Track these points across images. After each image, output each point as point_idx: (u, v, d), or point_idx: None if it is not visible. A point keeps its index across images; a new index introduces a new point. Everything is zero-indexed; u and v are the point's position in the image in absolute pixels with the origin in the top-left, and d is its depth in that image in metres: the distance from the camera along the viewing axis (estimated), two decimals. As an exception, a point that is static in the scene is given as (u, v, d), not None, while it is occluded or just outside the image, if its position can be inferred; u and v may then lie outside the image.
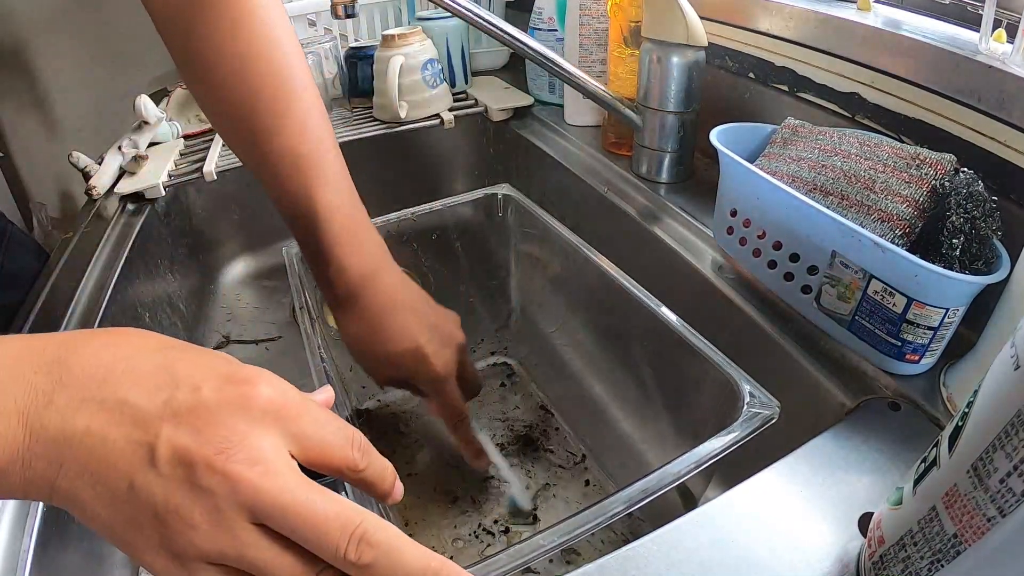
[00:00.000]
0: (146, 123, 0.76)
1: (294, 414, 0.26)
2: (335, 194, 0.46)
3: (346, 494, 0.26)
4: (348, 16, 0.74)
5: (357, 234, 0.47)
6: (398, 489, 0.30)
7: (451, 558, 0.28)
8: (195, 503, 0.23)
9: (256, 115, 0.44)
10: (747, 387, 0.39)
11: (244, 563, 0.23)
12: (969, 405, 0.25)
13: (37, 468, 0.23)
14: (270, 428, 0.25)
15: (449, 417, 0.51)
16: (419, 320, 0.48)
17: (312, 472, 0.26)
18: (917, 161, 0.44)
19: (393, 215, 0.63)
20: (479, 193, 0.66)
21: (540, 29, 0.83)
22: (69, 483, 0.23)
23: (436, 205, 0.65)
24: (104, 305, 0.55)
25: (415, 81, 0.82)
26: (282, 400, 0.26)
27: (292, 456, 0.25)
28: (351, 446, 0.27)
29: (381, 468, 0.29)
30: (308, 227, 0.45)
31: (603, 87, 0.66)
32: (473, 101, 0.90)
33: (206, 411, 0.24)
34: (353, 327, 0.48)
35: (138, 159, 0.73)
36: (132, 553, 0.24)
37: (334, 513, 0.24)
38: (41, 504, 0.38)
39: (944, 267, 0.38)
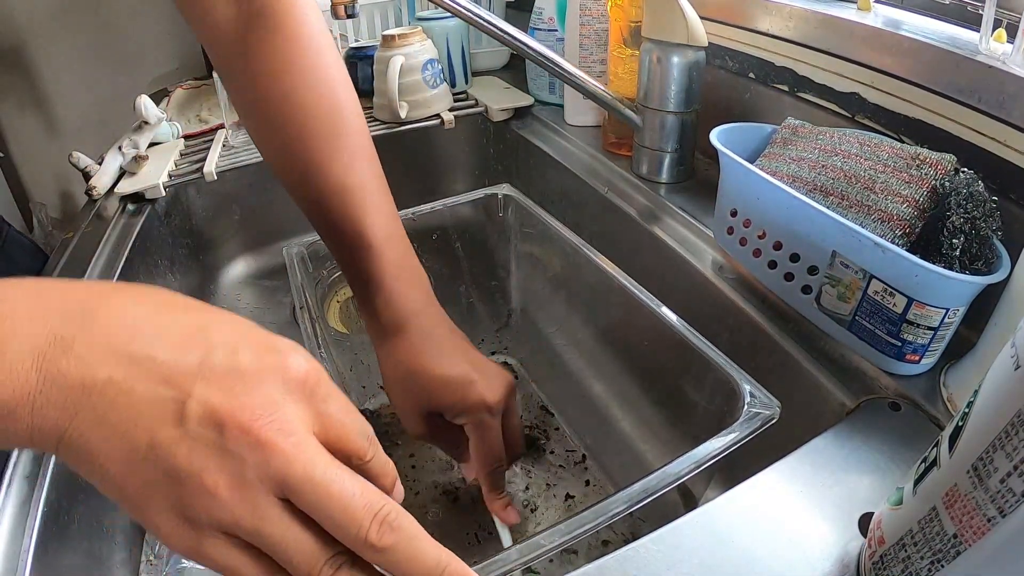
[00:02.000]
0: (146, 123, 0.76)
1: (324, 394, 0.26)
2: (386, 226, 0.46)
3: None
4: (348, 16, 0.74)
5: (409, 267, 0.47)
6: (398, 489, 0.30)
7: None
8: (221, 468, 0.22)
9: (307, 150, 0.45)
10: (747, 387, 0.39)
11: (259, 537, 0.23)
12: (969, 405, 0.25)
13: (47, 414, 0.22)
14: (302, 402, 0.25)
15: (485, 460, 0.46)
16: (468, 355, 0.47)
17: None
18: (917, 161, 0.44)
19: (393, 215, 0.63)
20: (479, 193, 0.66)
21: (540, 29, 0.84)
22: (80, 434, 0.22)
23: (436, 205, 0.65)
24: (104, 305, 0.55)
25: (415, 81, 0.82)
26: (317, 377, 0.26)
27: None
28: (363, 435, 0.27)
29: (384, 462, 0.29)
30: (359, 258, 0.45)
31: (603, 87, 0.66)
32: (473, 101, 0.90)
33: (242, 376, 0.24)
34: (396, 355, 0.46)
35: (138, 159, 0.73)
36: (138, 513, 0.23)
37: (360, 492, 0.24)
38: (41, 504, 0.38)
39: (944, 267, 0.38)
